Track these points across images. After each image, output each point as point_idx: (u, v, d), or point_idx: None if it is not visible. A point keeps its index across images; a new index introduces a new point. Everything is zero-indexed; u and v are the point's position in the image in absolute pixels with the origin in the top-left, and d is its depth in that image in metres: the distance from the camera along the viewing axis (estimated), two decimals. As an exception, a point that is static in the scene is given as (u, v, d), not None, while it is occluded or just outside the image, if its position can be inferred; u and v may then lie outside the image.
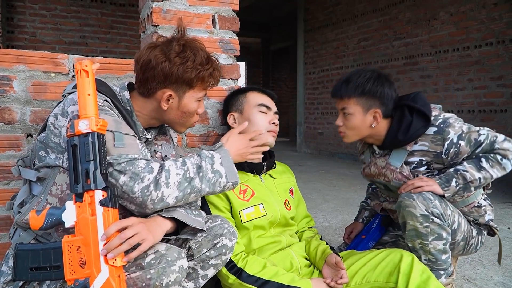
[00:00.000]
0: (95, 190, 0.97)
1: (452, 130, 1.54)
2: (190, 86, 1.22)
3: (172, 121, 1.28)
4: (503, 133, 1.62)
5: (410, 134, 1.56)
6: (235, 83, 1.79)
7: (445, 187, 1.54)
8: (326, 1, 7.26)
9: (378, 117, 1.59)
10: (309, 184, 4.54)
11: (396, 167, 1.63)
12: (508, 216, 3.16)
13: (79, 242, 0.96)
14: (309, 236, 1.64)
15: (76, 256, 0.95)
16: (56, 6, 5.74)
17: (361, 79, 1.58)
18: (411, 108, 1.58)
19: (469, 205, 1.67)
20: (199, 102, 1.28)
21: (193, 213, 1.20)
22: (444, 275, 1.58)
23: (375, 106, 1.59)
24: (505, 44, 4.52)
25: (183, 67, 1.17)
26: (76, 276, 0.95)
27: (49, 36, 5.71)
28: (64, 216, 0.98)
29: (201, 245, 1.19)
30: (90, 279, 0.93)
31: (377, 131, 1.63)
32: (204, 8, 1.70)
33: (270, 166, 1.62)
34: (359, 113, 1.60)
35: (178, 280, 1.02)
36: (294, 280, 1.33)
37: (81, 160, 0.98)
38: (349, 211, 3.32)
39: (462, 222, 1.62)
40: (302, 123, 8.09)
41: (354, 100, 1.59)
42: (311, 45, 7.75)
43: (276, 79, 12.25)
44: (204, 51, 1.24)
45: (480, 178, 1.53)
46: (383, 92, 1.57)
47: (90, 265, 0.94)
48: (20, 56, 1.40)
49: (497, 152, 1.53)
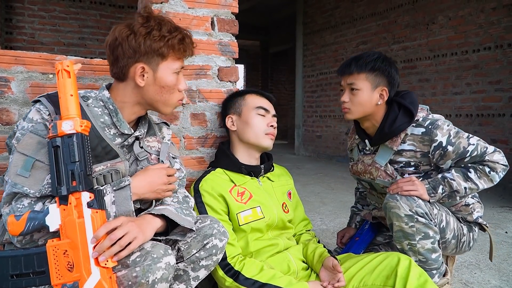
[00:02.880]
0: (82, 192, 0.95)
1: (439, 133, 1.57)
2: (162, 56, 1.16)
3: (154, 99, 1.21)
4: (501, 137, 1.63)
5: (394, 127, 1.61)
6: (233, 86, 1.79)
7: (431, 193, 1.57)
8: (325, 4, 7.28)
9: (384, 95, 1.63)
10: (307, 187, 4.53)
11: (381, 165, 1.67)
12: (505, 220, 3.16)
13: (65, 246, 0.92)
14: (307, 239, 1.64)
15: (63, 260, 0.92)
16: (55, 8, 5.74)
17: (371, 57, 1.62)
18: (399, 104, 1.63)
19: (456, 205, 1.69)
20: (177, 75, 1.21)
21: (184, 212, 1.19)
22: (437, 274, 1.59)
23: (383, 84, 1.63)
24: (503, 49, 4.54)
25: (149, 36, 1.13)
26: (63, 281, 0.91)
27: (48, 37, 5.71)
28: (47, 220, 0.94)
29: (190, 246, 1.18)
30: (80, 282, 0.91)
31: (377, 112, 1.66)
32: (203, 10, 1.70)
33: (268, 168, 1.62)
34: (367, 89, 1.62)
35: (165, 277, 1.00)
36: (291, 283, 1.33)
37: (65, 161, 0.95)
38: (347, 214, 3.30)
39: (450, 220, 1.63)
40: (301, 126, 8.09)
41: (364, 75, 1.62)
42: (310, 48, 7.76)
43: (275, 81, 12.27)
44: (171, 22, 1.19)
45: (466, 188, 1.55)
46: (391, 72, 1.62)
47: (79, 269, 0.91)
48: (18, 57, 1.40)
49: (486, 164, 1.55)
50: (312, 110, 7.73)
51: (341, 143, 6.99)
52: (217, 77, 1.74)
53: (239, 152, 1.58)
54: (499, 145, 4.22)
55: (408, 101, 1.62)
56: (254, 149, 1.58)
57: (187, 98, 1.68)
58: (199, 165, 1.73)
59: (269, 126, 1.56)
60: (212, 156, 1.73)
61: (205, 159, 1.74)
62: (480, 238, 2.63)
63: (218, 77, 1.75)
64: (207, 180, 1.48)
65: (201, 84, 1.71)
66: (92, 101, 1.17)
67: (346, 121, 6.76)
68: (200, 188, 1.46)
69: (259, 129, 1.54)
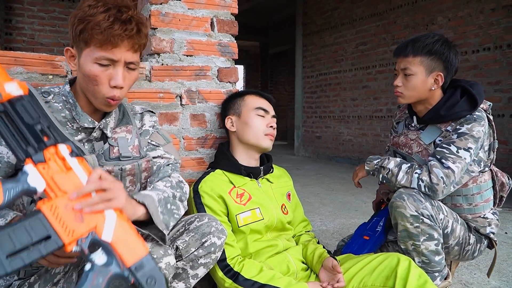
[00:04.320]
0: (58, 145, 0.87)
1: (468, 125, 1.54)
2: (85, 42, 1.04)
3: (83, 88, 1.11)
4: (501, 137, 1.63)
5: (452, 112, 1.57)
6: (233, 87, 1.79)
7: (368, 162, 1.68)
8: (325, 5, 7.28)
9: (440, 80, 1.59)
10: (306, 188, 4.53)
11: (424, 143, 1.65)
12: (506, 221, 3.16)
13: (63, 201, 0.83)
14: (306, 240, 1.64)
15: (69, 214, 0.82)
16: (55, 9, 5.74)
17: (430, 39, 1.58)
18: (464, 91, 1.59)
19: (474, 214, 1.67)
20: (103, 67, 1.05)
21: (167, 208, 1.10)
22: (439, 277, 1.58)
23: (439, 69, 1.59)
24: (502, 49, 4.54)
25: (74, 19, 1.04)
26: (76, 236, 0.81)
27: (48, 38, 5.71)
28: (30, 181, 0.82)
29: (188, 244, 1.17)
30: (97, 230, 0.83)
31: (432, 97, 1.63)
32: (202, 11, 1.70)
33: (268, 170, 1.62)
34: (422, 74, 1.59)
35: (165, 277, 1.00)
36: (290, 283, 1.33)
37: (26, 121, 0.86)
38: (347, 215, 3.32)
39: (457, 228, 1.62)
40: (300, 127, 8.09)
41: (419, 59, 1.58)
42: (310, 49, 7.77)
43: (274, 82, 12.27)
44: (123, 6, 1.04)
45: (389, 170, 1.60)
46: (449, 57, 1.58)
47: (91, 216, 0.83)
48: (18, 58, 1.40)
49: (425, 166, 1.54)
50: (312, 111, 7.73)
51: (341, 143, 6.99)
52: (216, 78, 1.74)
53: (238, 153, 1.58)
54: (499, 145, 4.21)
55: (476, 91, 1.58)
56: (253, 150, 1.58)
57: (187, 99, 1.68)
58: (199, 166, 1.72)
59: (268, 126, 1.56)
60: (211, 157, 1.73)
61: (204, 160, 1.74)
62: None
63: (217, 78, 1.75)
64: (207, 181, 1.48)
65: (200, 85, 1.71)
66: (54, 97, 1.13)
67: (345, 122, 6.77)
68: (199, 189, 1.46)
69: (258, 129, 1.54)
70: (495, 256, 1.78)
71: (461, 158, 1.52)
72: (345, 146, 6.93)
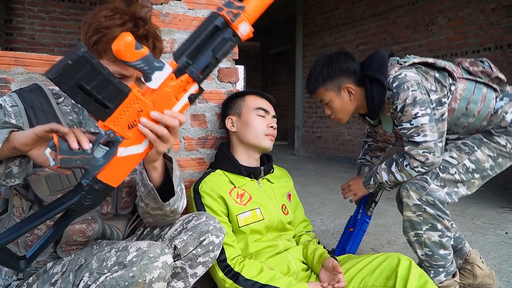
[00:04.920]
0: (195, 82, 0.87)
1: (400, 97, 1.52)
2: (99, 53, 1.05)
3: None
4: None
5: (375, 103, 1.61)
6: (233, 87, 1.79)
7: (367, 185, 1.72)
8: (325, 5, 7.28)
9: (352, 89, 1.66)
10: (307, 188, 4.53)
11: (390, 133, 1.73)
12: (506, 221, 3.16)
13: (146, 106, 0.84)
14: (307, 240, 1.64)
15: (132, 115, 0.83)
16: (55, 9, 5.75)
17: (318, 69, 1.67)
18: (369, 77, 1.62)
19: (486, 118, 1.63)
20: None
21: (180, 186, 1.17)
22: (443, 273, 1.56)
23: (343, 82, 1.66)
24: (503, 49, 4.54)
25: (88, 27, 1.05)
26: (115, 129, 0.83)
27: (48, 38, 5.72)
28: (164, 69, 0.83)
29: (186, 243, 1.17)
30: (125, 141, 0.85)
31: (359, 101, 1.69)
32: (203, 11, 1.70)
33: (268, 170, 1.62)
34: (335, 97, 1.68)
35: (162, 276, 0.99)
36: (291, 284, 1.33)
37: (207, 49, 0.86)
38: (347, 215, 3.31)
39: (478, 156, 1.58)
40: (301, 127, 8.09)
41: (322, 89, 1.68)
42: (310, 49, 7.77)
43: (274, 82, 12.27)
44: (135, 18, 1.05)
45: (388, 181, 1.63)
46: (341, 69, 1.65)
47: (136, 132, 0.85)
48: (18, 58, 1.40)
49: (405, 156, 1.57)
50: (312, 111, 7.74)
51: (341, 143, 6.99)
52: (217, 78, 1.75)
53: (239, 153, 1.58)
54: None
55: (375, 69, 1.59)
56: (254, 150, 1.58)
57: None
58: (199, 166, 1.73)
59: (269, 127, 1.56)
60: (212, 157, 1.73)
61: (205, 160, 1.74)
62: (479, 239, 2.64)
63: (218, 78, 1.75)
64: (207, 182, 1.48)
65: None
66: (64, 100, 1.15)
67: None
68: (200, 190, 1.46)
69: (259, 130, 1.54)
70: None
71: (421, 126, 1.51)
72: (345, 146, 6.93)
